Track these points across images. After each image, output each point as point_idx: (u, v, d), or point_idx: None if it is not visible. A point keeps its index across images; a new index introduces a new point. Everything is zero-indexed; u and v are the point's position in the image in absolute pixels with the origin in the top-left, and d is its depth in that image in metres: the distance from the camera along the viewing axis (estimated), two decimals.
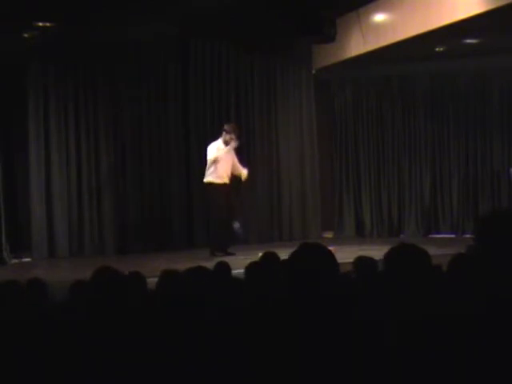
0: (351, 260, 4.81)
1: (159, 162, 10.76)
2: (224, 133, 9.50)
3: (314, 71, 12.34)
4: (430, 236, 12.06)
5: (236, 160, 9.67)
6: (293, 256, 2.66)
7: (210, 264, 4.79)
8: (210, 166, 9.40)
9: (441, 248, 8.51)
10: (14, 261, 9.56)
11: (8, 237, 9.49)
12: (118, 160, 10.53)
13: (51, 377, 2.75)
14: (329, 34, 9.61)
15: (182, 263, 7.21)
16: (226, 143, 9.47)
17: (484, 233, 2.68)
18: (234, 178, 9.72)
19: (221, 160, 9.38)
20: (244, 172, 9.69)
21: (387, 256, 2.73)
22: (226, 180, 9.47)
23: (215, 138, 9.67)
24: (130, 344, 2.77)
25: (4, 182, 9.63)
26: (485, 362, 2.20)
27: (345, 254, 7.07)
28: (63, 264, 9.64)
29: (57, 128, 10.18)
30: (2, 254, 9.27)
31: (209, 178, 9.42)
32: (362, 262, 4.67)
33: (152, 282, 4.11)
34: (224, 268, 4.83)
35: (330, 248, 2.68)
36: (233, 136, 9.46)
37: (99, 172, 10.45)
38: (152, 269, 6.79)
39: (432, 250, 3.00)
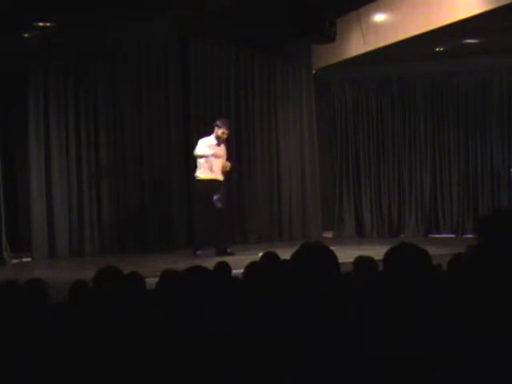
0: (351, 260, 4.81)
1: (159, 161, 10.76)
2: (216, 128, 9.45)
3: (314, 71, 12.35)
4: (430, 236, 12.06)
5: (225, 157, 9.57)
6: (294, 256, 2.66)
7: (210, 264, 4.78)
8: (201, 162, 9.35)
9: (441, 248, 8.51)
10: (14, 261, 9.55)
11: (8, 237, 9.49)
12: (118, 160, 10.53)
13: (51, 377, 2.75)
14: (329, 34, 9.61)
15: (182, 263, 7.21)
16: (218, 138, 9.43)
17: (486, 232, 2.68)
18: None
19: (217, 157, 9.35)
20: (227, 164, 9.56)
21: (387, 256, 2.73)
22: (217, 176, 9.40)
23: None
24: (130, 344, 2.77)
25: (4, 181, 9.62)
26: (485, 362, 2.20)
27: (345, 254, 7.07)
28: (63, 264, 9.63)
29: (57, 128, 10.17)
30: (2, 254, 9.26)
31: (201, 174, 9.38)
32: (362, 262, 4.67)
33: (152, 281, 4.11)
34: (224, 268, 4.83)
35: None
36: (225, 130, 9.42)
37: (99, 172, 10.45)
38: (152, 269, 6.79)
39: (432, 250, 3.00)
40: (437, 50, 10.93)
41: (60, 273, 8.30)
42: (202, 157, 9.33)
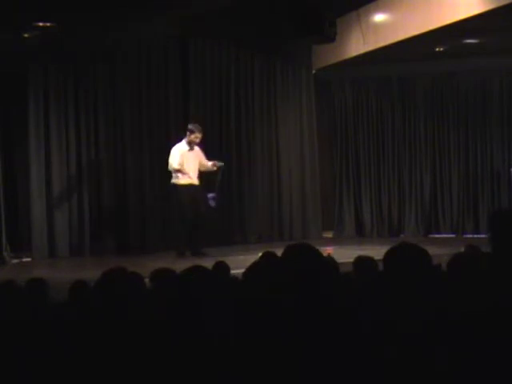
0: (351, 260, 4.81)
1: (159, 162, 10.74)
2: (188, 133, 9.38)
3: (314, 71, 12.35)
4: (430, 236, 12.06)
5: (203, 157, 9.51)
6: (281, 258, 2.67)
7: (209, 264, 4.78)
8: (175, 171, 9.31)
9: (441, 248, 8.52)
10: (14, 261, 9.55)
11: (8, 237, 9.49)
12: (118, 160, 10.52)
13: (51, 377, 2.75)
14: (329, 34, 9.61)
15: (182, 263, 7.21)
16: (190, 143, 9.36)
17: (499, 230, 2.68)
18: (205, 174, 9.55)
19: (187, 160, 9.27)
20: (210, 164, 9.47)
21: (387, 256, 2.73)
22: (193, 181, 9.33)
23: (214, 138, 9.57)
24: (130, 344, 2.76)
25: (4, 181, 9.62)
26: (485, 362, 2.19)
27: (345, 254, 7.07)
28: (63, 264, 9.62)
29: (57, 128, 10.16)
30: (2, 254, 9.26)
31: (175, 179, 9.32)
32: (362, 262, 4.66)
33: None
34: (223, 268, 4.83)
35: (328, 248, 2.68)
36: (198, 135, 9.32)
37: (99, 172, 10.44)
38: (152, 269, 6.77)
39: (432, 250, 3.00)
40: (437, 50, 10.94)
41: (60, 273, 8.29)
42: (179, 170, 9.26)
